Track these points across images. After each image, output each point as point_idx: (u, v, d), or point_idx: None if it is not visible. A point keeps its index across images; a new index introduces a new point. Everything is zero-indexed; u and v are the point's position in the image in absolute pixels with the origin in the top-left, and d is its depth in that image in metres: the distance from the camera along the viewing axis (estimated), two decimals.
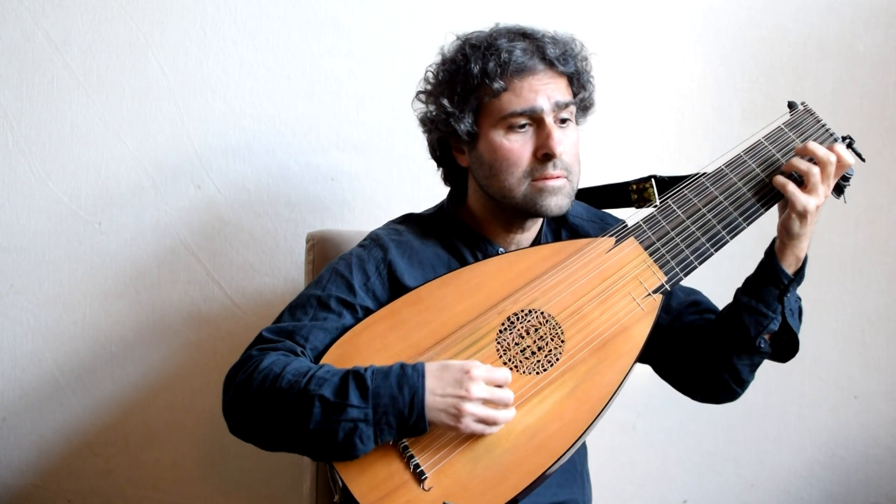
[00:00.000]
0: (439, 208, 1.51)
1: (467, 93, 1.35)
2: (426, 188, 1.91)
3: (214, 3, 1.85)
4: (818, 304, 2.08)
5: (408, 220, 1.50)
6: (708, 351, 1.41)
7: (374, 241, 1.42)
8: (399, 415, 1.18)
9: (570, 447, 1.24)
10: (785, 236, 1.33)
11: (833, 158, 1.30)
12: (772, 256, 1.35)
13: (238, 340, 1.87)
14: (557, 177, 1.34)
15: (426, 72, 1.44)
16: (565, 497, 1.42)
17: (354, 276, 1.36)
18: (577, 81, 1.41)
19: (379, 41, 1.91)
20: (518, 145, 1.34)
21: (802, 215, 1.30)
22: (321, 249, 1.69)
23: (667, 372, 1.51)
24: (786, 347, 1.40)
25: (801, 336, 2.13)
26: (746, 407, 2.05)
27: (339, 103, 1.90)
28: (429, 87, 1.42)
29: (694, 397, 1.49)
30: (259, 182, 1.88)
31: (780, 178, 1.32)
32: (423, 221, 1.48)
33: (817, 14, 2.06)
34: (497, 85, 1.32)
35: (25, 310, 1.82)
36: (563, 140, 1.34)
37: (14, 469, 1.84)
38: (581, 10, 1.98)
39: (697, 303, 1.49)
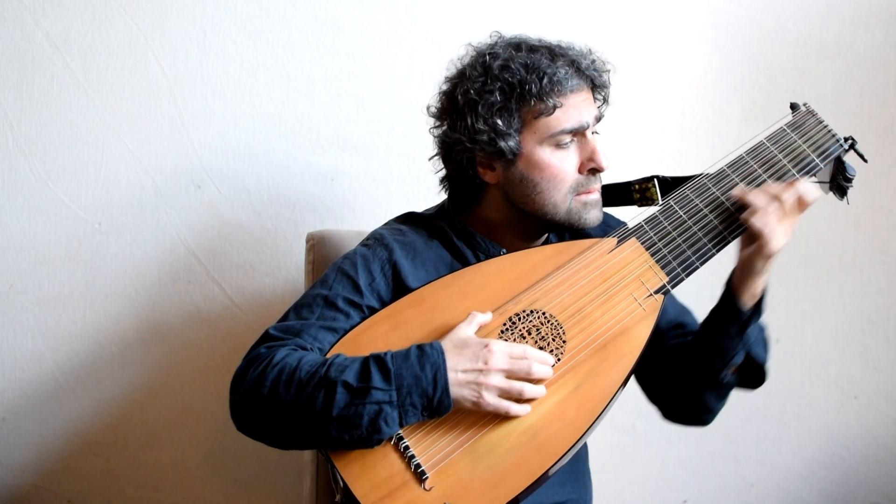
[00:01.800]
0: (440, 208, 1.51)
1: (518, 110, 1.35)
2: (426, 188, 1.91)
3: (214, 3, 1.85)
4: (818, 304, 2.08)
5: (409, 219, 1.49)
6: (677, 380, 1.44)
7: (378, 240, 1.41)
8: (423, 394, 1.19)
9: (572, 447, 1.24)
10: (744, 275, 1.34)
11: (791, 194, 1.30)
12: (730, 294, 1.36)
13: (238, 340, 1.87)
14: (596, 190, 1.39)
15: (465, 86, 1.38)
16: (566, 496, 1.42)
17: (360, 276, 1.35)
18: (602, 95, 1.44)
19: (379, 41, 1.91)
20: (565, 162, 1.36)
21: (769, 256, 1.30)
22: (321, 249, 1.69)
23: (644, 385, 1.53)
24: (753, 377, 1.41)
25: (800, 336, 2.13)
26: (746, 407, 2.06)
27: (339, 103, 1.90)
28: (470, 105, 1.37)
29: (666, 416, 1.52)
30: (259, 182, 1.88)
31: (758, 219, 1.29)
32: (425, 222, 1.48)
33: (817, 14, 2.06)
34: (552, 101, 1.33)
35: (25, 310, 1.82)
36: (607, 156, 1.38)
37: (14, 469, 1.84)
38: (581, 11, 1.98)
39: (683, 325, 1.49)
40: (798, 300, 2.08)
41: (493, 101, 1.35)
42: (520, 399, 1.22)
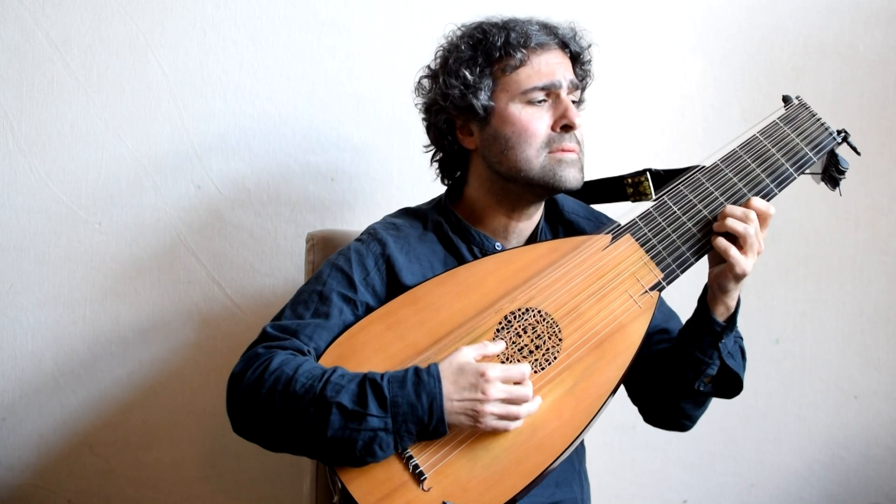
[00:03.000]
0: (436, 203, 1.51)
1: (487, 66, 1.37)
2: (426, 188, 1.91)
3: (214, 3, 1.85)
4: (818, 304, 2.08)
5: (404, 214, 1.50)
6: (656, 386, 1.45)
7: (371, 235, 1.42)
8: (419, 422, 1.18)
9: (570, 445, 1.24)
10: (717, 290, 1.35)
11: (753, 215, 1.30)
12: (704, 307, 1.37)
13: (238, 340, 1.87)
14: (572, 150, 1.37)
15: (438, 51, 1.45)
16: (563, 496, 1.42)
17: (354, 271, 1.35)
18: (582, 67, 1.45)
19: (379, 41, 1.91)
20: (536, 118, 1.36)
21: (739, 277, 1.31)
22: (321, 249, 1.69)
23: (628, 386, 1.54)
24: (729, 386, 1.42)
25: (800, 336, 2.13)
26: (746, 407, 2.06)
27: (339, 103, 1.90)
28: (443, 64, 1.42)
29: (647, 420, 1.54)
30: (259, 182, 1.88)
31: (721, 242, 1.30)
32: (419, 216, 1.48)
33: (817, 14, 2.06)
34: (520, 55, 1.34)
35: (25, 310, 1.82)
36: (579, 114, 1.37)
37: (14, 469, 1.84)
38: (581, 10, 1.98)
39: (667, 330, 1.50)
40: (798, 300, 2.08)
41: (461, 55, 1.38)
42: (517, 418, 1.22)
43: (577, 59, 1.43)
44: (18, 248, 1.81)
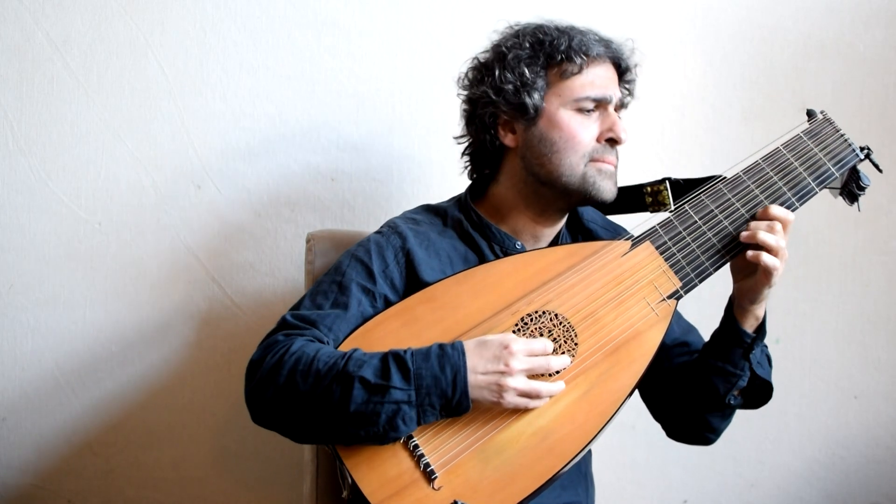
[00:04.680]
0: (456, 200, 1.51)
1: (545, 67, 1.38)
2: (426, 188, 1.91)
3: (214, 4, 1.85)
4: (818, 304, 2.08)
5: (424, 210, 1.49)
6: (681, 401, 1.44)
7: (392, 228, 1.41)
8: (442, 395, 1.18)
9: (582, 450, 1.24)
10: (747, 303, 1.36)
11: (778, 226, 1.32)
12: (732, 320, 1.37)
13: (238, 341, 1.87)
14: (612, 163, 1.39)
15: (496, 45, 1.44)
16: (569, 499, 1.42)
17: (374, 263, 1.36)
18: (626, 85, 1.46)
19: (379, 41, 1.91)
20: (584, 127, 1.37)
21: (772, 284, 1.32)
22: (321, 249, 1.69)
23: (649, 403, 1.54)
24: (758, 395, 1.42)
25: (800, 336, 2.13)
26: None
27: (339, 103, 1.90)
28: (499, 58, 1.41)
29: (670, 436, 1.53)
30: (259, 182, 1.88)
31: (753, 252, 1.31)
32: (439, 212, 1.48)
33: (817, 14, 2.06)
34: (579, 61, 1.36)
35: (25, 310, 1.82)
36: (626, 130, 1.39)
37: (14, 469, 1.84)
38: (581, 10, 1.98)
39: (688, 343, 1.50)
40: (798, 300, 2.08)
41: (522, 53, 1.38)
42: (538, 397, 1.22)
43: (622, 76, 1.44)
44: (18, 248, 1.81)
